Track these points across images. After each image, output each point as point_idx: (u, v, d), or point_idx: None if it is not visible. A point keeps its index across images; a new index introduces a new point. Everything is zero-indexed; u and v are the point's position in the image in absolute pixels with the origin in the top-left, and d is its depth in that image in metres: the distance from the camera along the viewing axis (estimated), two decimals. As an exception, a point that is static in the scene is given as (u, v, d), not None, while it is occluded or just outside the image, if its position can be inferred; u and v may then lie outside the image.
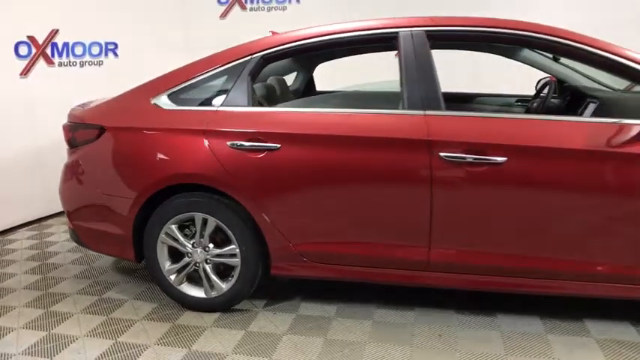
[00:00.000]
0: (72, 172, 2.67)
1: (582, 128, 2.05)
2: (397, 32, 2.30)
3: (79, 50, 4.52)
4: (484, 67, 4.65)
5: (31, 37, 4.15)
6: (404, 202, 2.21)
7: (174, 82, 2.54)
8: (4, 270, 3.19)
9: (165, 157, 2.43)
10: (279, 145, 2.28)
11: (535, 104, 2.67)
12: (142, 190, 2.45)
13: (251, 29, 4.57)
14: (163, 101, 2.51)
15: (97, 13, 4.58)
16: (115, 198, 2.53)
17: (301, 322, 2.41)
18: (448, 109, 2.19)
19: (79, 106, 2.81)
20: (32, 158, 4.13)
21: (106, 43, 4.72)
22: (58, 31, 4.34)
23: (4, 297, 2.78)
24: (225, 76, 2.48)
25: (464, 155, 2.08)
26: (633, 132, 1.96)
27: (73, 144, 2.68)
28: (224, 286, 2.50)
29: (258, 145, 2.30)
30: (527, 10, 4.97)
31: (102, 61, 4.67)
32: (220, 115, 2.41)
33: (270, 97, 2.77)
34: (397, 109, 2.26)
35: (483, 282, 2.25)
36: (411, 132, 2.15)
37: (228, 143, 2.33)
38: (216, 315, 2.51)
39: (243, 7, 5.68)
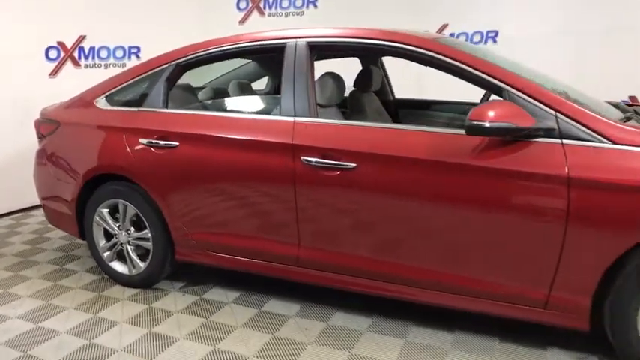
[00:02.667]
0: (38, 160, 3.17)
1: (430, 138, 2.09)
2: (285, 43, 2.47)
3: (104, 54, 5.15)
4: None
5: (60, 43, 4.82)
6: (275, 200, 2.39)
7: (112, 85, 2.93)
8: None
9: (95, 150, 2.83)
10: (177, 144, 2.57)
11: None
12: (80, 178, 2.87)
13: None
14: (101, 102, 2.91)
15: (121, 20, 5.17)
16: (64, 183, 2.99)
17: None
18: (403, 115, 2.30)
19: (52, 105, 3.31)
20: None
21: (130, 47, 5.32)
22: (85, 37, 4.98)
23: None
24: (148, 81, 2.81)
25: (320, 160, 2.23)
26: (473, 144, 1.98)
27: (39, 136, 3.18)
28: (142, 266, 2.85)
29: (162, 144, 2.60)
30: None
31: (125, 64, 5.26)
32: (138, 115, 2.75)
33: (218, 100, 3.07)
34: (276, 114, 2.44)
35: (346, 282, 2.36)
36: (280, 136, 2.33)
37: (140, 140, 2.67)
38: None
39: (262, 13, 6.02)
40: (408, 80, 4.02)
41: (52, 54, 4.80)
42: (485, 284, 2.06)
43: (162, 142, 2.61)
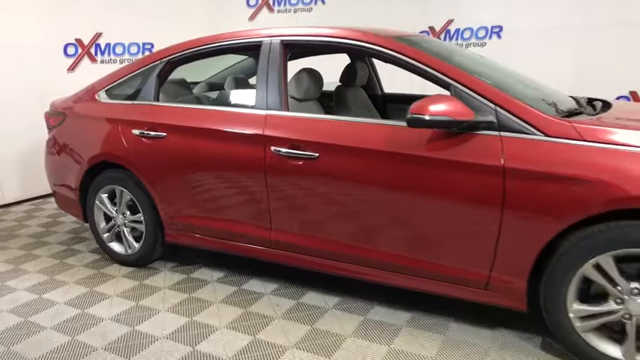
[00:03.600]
0: (48, 149, 3.47)
1: (385, 130, 2.25)
2: (261, 41, 2.66)
3: (119, 50, 5.46)
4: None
5: (78, 40, 5.16)
6: (250, 187, 2.60)
7: (112, 80, 3.19)
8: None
9: (96, 140, 3.10)
10: (165, 134, 2.81)
11: None
12: (83, 165, 3.15)
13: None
14: (102, 95, 3.18)
15: (135, 17, 5.46)
16: (69, 170, 3.27)
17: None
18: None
19: (60, 98, 3.60)
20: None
21: (144, 43, 5.61)
22: (101, 33, 5.30)
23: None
24: (142, 77, 3.06)
25: (288, 150, 2.42)
26: (422, 135, 2.13)
27: (49, 127, 3.47)
28: (137, 246, 3.11)
29: (152, 134, 2.84)
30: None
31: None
32: (132, 108, 3.00)
33: (207, 94, 3.30)
34: (253, 107, 2.63)
35: (312, 262, 2.55)
36: (253, 128, 2.53)
37: (133, 131, 2.92)
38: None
39: (271, 10, 6.22)
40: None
41: (70, 50, 5.13)
42: (434, 266, 2.22)
43: (152, 133, 2.85)
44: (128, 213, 3.11)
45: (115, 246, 3.23)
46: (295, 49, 2.68)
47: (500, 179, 1.97)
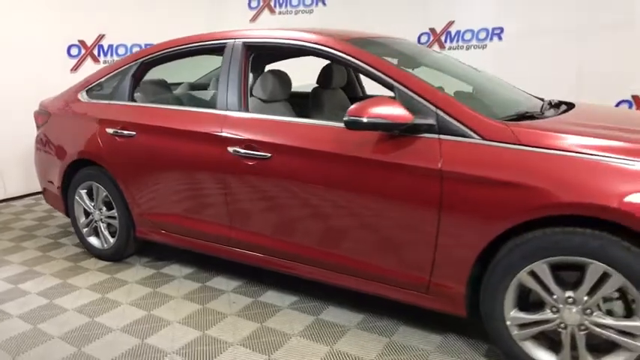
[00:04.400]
0: (36, 146, 3.60)
1: (332, 132, 2.25)
2: (225, 43, 2.71)
3: (121, 51, 5.62)
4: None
5: (81, 41, 5.33)
6: (210, 186, 2.64)
7: (93, 80, 3.30)
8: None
9: (75, 138, 3.21)
10: (134, 133, 2.89)
11: None
12: (63, 162, 3.27)
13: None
14: (83, 95, 3.29)
15: (138, 20, 5.60)
16: (53, 167, 3.40)
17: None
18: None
19: (49, 98, 3.73)
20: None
21: (145, 45, 5.72)
22: (104, 35, 5.46)
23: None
24: (119, 77, 3.15)
25: (243, 150, 2.46)
26: (367, 138, 2.13)
27: (37, 125, 3.61)
28: (112, 241, 3.20)
29: (124, 133, 2.93)
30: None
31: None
32: (108, 107, 3.09)
33: (179, 94, 3.38)
34: (214, 108, 2.68)
35: (266, 261, 2.58)
36: (213, 128, 2.58)
37: (107, 130, 3.01)
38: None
39: (272, 11, 6.28)
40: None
41: (74, 51, 5.31)
42: (378, 268, 2.21)
43: (124, 132, 2.93)
44: (104, 209, 3.20)
45: (93, 240, 3.33)
46: (257, 51, 2.71)
47: (438, 182, 1.96)
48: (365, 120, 1.98)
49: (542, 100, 2.73)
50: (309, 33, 2.47)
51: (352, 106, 2.02)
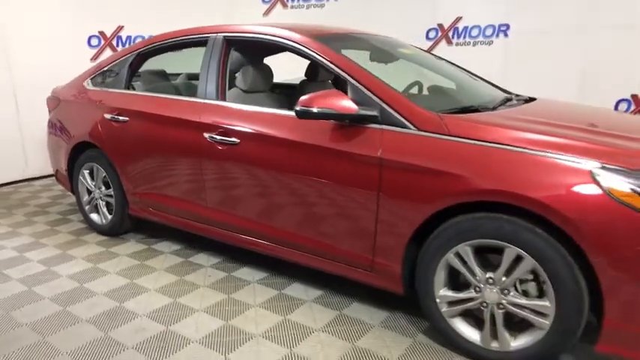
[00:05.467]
0: (48, 130, 3.94)
1: (293, 121, 2.43)
2: (208, 36, 2.93)
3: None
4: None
5: (101, 32, 5.68)
6: (190, 168, 2.88)
7: (96, 69, 3.59)
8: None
9: (78, 122, 3.51)
10: (127, 119, 3.16)
11: None
12: (68, 145, 3.59)
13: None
14: (88, 83, 3.59)
15: (154, 12, 5.89)
16: (61, 149, 3.72)
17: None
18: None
19: (61, 85, 4.06)
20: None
21: (162, 37, 6.04)
22: (123, 26, 5.79)
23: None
24: (118, 67, 3.43)
25: (217, 136, 2.68)
26: (324, 127, 2.31)
27: (49, 110, 3.94)
28: (109, 217, 3.51)
29: (120, 118, 3.20)
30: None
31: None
32: (107, 94, 3.38)
33: (173, 84, 3.64)
34: (195, 96, 2.91)
35: (234, 238, 2.80)
36: (192, 115, 2.81)
37: (105, 115, 3.29)
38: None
39: (285, 5, 6.47)
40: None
41: (94, 41, 5.66)
42: (330, 247, 2.40)
43: (119, 118, 3.21)
44: (103, 188, 3.50)
45: (94, 216, 3.64)
46: (235, 45, 2.91)
47: (377, 169, 2.13)
48: (314, 110, 2.17)
49: (510, 95, 2.84)
50: (279, 28, 2.66)
51: (303, 97, 2.20)
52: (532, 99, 2.85)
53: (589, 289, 1.78)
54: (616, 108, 4.88)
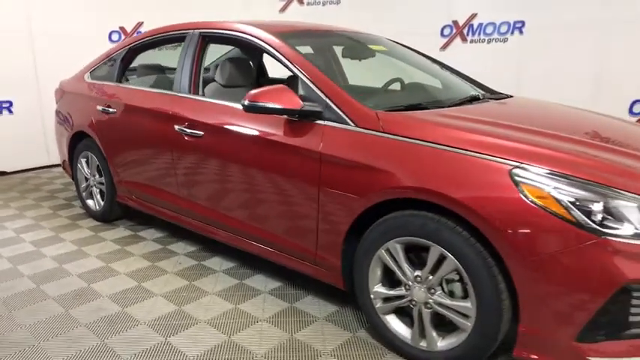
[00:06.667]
0: (55, 119, 4.18)
1: (247, 115, 2.48)
2: (187, 32, 3.04)
3: (157, 37, 6.15)
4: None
5: (121, 27, 5.94)
6: (164, 158, 3.00)
7: (95, 63, 3.78)
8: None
9: (77, 113, 3.71)
10: (115, 110, 3.32)
11: None
12: (68, 134, 3.80)
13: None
14: (87, 76, 3.78)
15: (173, 8, 6.08)
16: (64, 138, 3.95)
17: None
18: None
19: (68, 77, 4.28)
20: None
21: (180, 33, 6.24)
22: (142, 22, 6.02)
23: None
24: (113, 61, 3.59)
25: (184, 128, 2.78)
26: (274, 121, 2.35)
27: (56, 101, 4.18)
28: (102, 203, 3.70)
29: (110, 110, 3.37)
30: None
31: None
32: (101, 87, 3.55)
33: (159, 77, 3.77)
34: (171, 90, 3.01)
35: (203, 229, 2.89)
36: (165, 108, 2.93)
37: (97, 107, 3.47)
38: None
39: (301, 2, 6.53)
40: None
41: (114, 37, 5.92)
42: (280, 239, 2.45)
43: (109, 109, 3.37)
44: (97, 175, 3.69)
45: (90, 202, 3.84)
46: (211, 41, 3.00)
47: (318, 164, 2.15)
48: (260, 104, 2.22)
49: (478, 94, 2.78)
50: (246, 25, 2.72)
51: (251, 92, 2.25)
52: (508, 97, 2.80)
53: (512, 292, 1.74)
54: (631, 109, 4.64)
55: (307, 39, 2.85)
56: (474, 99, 2.62)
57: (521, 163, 1.69)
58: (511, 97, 2.86)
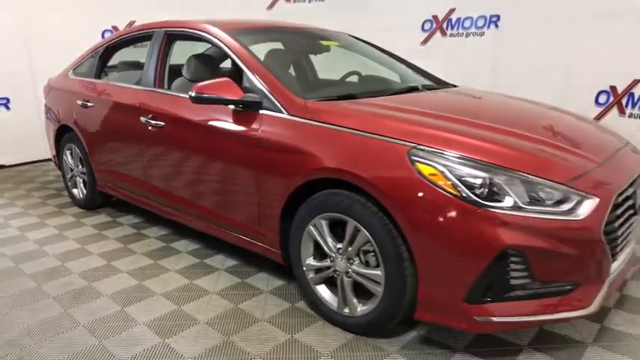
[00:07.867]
0: (44, 114, 4.46)
1: (199, 106, 2.70)
2: (154, 31, 3.27)
3: (148, 36, 6.40)
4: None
5: (114, 26, 6.20)
6: (133, 148, 3.24)
7: (78, 61, 4.04)
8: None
9: (60, 108, 3.98)
10: (92, 104, 3.58)
11: None
12: (54, 128, 4.07)
13: (294, 20, 5.57)
14: (71, 73, 4.05)
15: (164, 7, 6.32)
16: (50, 131, 4.22)
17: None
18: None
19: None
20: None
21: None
22: (134, 21, 6.28)
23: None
24: (92, 58, 3.85)
25: (149, 120, 3.02)
26: (224, 111, 2.58)
27: (44, 97, 4.45)
28: (85, 192, 3.96)
29: (88, 104, 3.62)
30: None
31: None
32: (80, 83, 3.81)
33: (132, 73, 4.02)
34: (138, 84, 3.25)
35: (169, 213, 3.13)
36: (132, 101, 3.17)
37: (77, 101, 3.73)
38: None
39: (287, 0, 6.74)
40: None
41: (107, 35, 6.18)
42: (231, 220, 2.67)
43: (87, 104, 3.63)
44: (80, 166, 3.96)
45: (75, 191, 4.11)
46: (175, 38, 3.22)
47: (256, 149, 2.38)
48: (205, 95, 2.44)
49: (417, 85, 2.96)
50: (202, 23, 2.95)
51: (197, 84, 2.47)
52: (452, 87, 2.99)
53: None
54: (596, 99, 4.77)
55: (262, 35, 3.06)
56: (412, 89, 2.82)
57: (418, 144, 1.89)
58: (455, 87, 3.05)
